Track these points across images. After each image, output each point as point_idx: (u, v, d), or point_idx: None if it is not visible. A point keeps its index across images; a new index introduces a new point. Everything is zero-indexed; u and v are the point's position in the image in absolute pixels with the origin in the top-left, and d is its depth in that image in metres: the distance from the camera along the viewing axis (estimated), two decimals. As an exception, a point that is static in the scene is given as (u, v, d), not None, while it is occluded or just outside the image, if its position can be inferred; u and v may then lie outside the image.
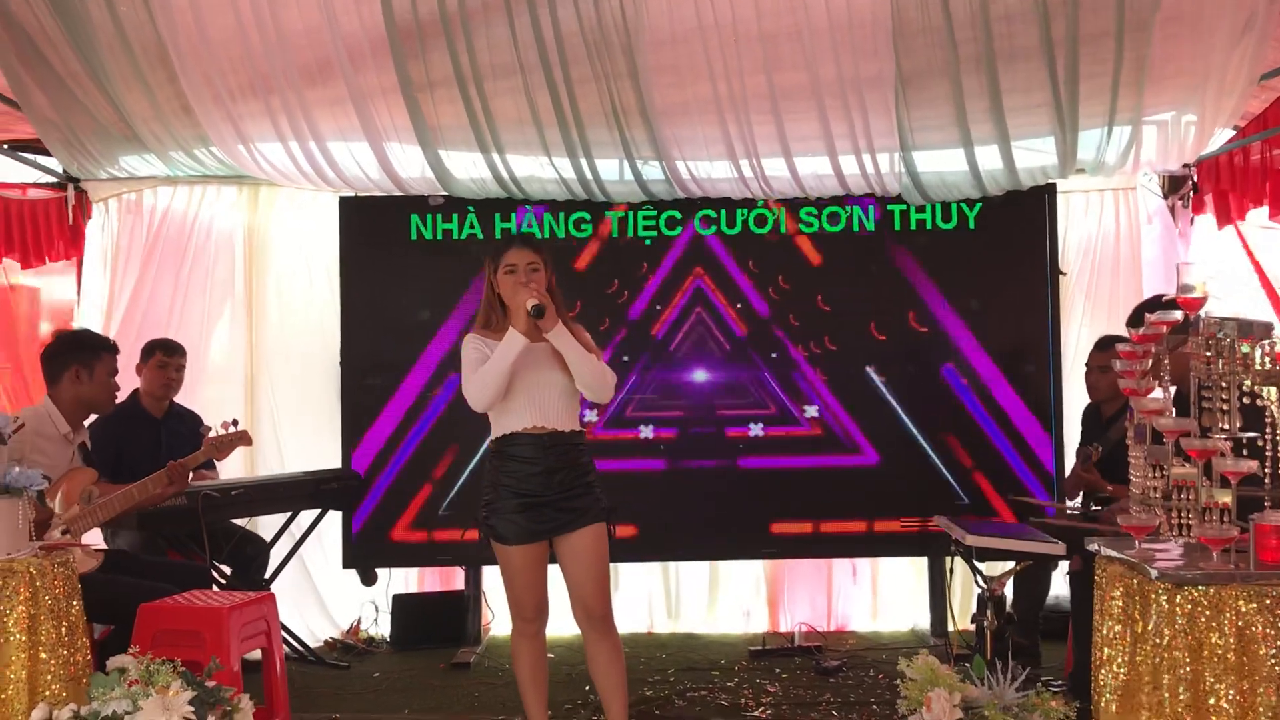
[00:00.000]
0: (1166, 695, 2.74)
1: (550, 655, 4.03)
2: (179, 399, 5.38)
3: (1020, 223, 5.69)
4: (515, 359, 3.57)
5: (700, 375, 5.76)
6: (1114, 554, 3.08)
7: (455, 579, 6.02)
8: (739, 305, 5.75)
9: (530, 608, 3.75)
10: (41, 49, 4.92)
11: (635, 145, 5.28)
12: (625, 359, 5.72)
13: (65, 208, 5.69)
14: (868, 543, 5.74)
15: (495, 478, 3.70)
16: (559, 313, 3.67)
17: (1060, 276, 5.76)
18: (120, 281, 5.91)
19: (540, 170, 5.49)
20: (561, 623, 4.07)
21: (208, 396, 5.79)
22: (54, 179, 5.76)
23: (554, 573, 3.77)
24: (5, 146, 5.62)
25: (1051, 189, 5.64)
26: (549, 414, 3.67)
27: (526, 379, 3.65)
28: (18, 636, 3.12)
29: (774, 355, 5.73)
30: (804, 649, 5.55)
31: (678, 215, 5.76)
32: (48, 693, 3.17)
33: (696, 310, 5.76)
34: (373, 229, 5.77)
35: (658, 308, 5.76)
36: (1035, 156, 5.45)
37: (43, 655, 3.19)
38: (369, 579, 5.80)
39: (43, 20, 4.78)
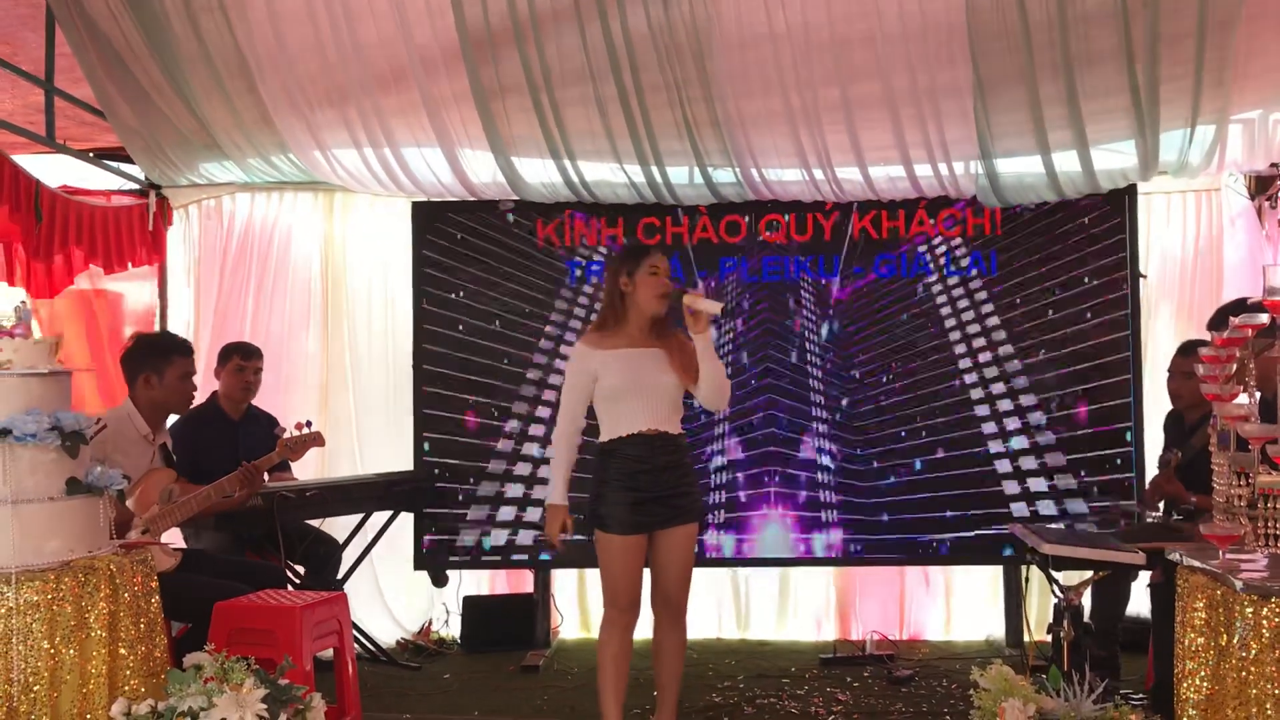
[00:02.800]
0: (1254, 711, 2.65)
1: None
2: (257, 401, 5.47)
3: (1100, 225, 5.57)
4: (639, 364, 3.82)
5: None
6: (1196, 564, 2.99)
7: (525, 582, 6.05)
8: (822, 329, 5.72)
9: (625, 595, 3.87)
10: (126, 62, 5.06)
11: (707, 154, 5.28)
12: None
13: (147, 214, 5.82)
14: (942, 551, 5.65)
15: (604, 474, 3.87)
16: (669, 320, 3.92)
17: (1141, 280, 5.62)
18: (202, 286, 6.05)
19: (611, 175, 5.52)
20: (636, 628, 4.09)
21: (286, 399, 5.88)
22: (136, 186, 5.90)
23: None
24: (91, 155, 5.78)
25: (1132, 190, 5.52)
26: (659, 417, 3.84)
27: (641, 383, 3.84)
28: (99, 632, 3.19)
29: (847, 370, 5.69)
30: (876, 657, 5.48)
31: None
32: (127, 688, 3.23)
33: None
34: (444, 233, 5.83)
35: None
36: (1115, 158, 5.34)
37: (122, 651, 3.26)
38: (440, 580, 5.85)
39: (128, 34, 4.92)
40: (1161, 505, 4.94)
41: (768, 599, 6.12)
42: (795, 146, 5.19)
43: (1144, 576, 4.69)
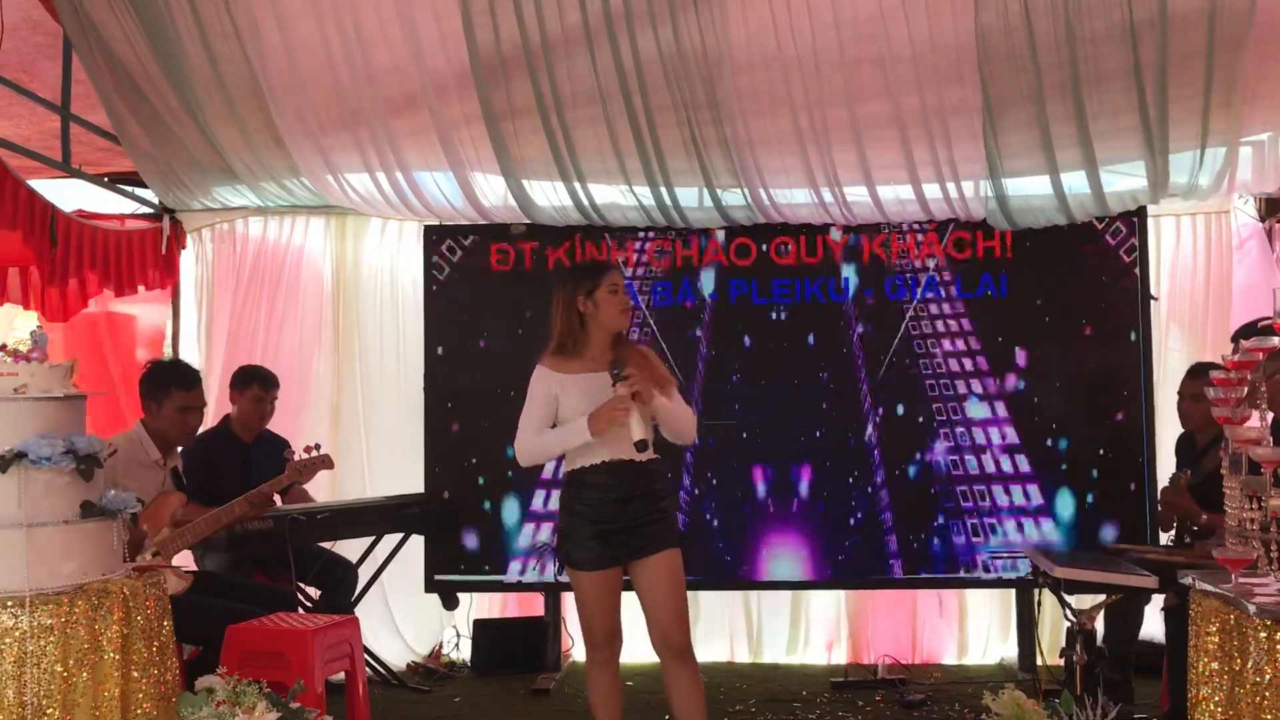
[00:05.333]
0: (1268, 736, 2.64)
1: (628, 683, 4.02)
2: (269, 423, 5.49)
3: (1110, 247, 5.57)
4: (600, 389, 3.64)
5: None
6: (1209, 588, 2.98)
7: (535, 605, 6.04)
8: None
9: (600, 634, 3.75)
10: (141, 86, 5.10)
11: (715, 174, 5.29)
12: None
13: (160, 238, 5.86)
14: (953, 575, 5.63)
15: (570, 505, 3.75)
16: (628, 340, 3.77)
17: (1152, 302, 5.61)
18: (214, 309, 6.08)
19: (621, 198, 5.54)
20: (640, 650, 4.07)
21: (297, 420, 5.90)
22: (150, 210, 5.94)
23: (630, 601, 3.79)
24: (106, 179, 5.82)
25: (1142, 213, 5.52)
26: (624, 448, 3.66)
27: None
28: (112, 655, 3.18)
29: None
30: (887, 681, 5.46)
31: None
32: (139, 710, 3.23)
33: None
34: (456, 257, 5.85)
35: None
36: (1125, 180, 5.35)
37: (135, 674, 3.25)
38: (451, 603, 5.85)
39: (143, 60, 4.97)
40: (1174, 527, 4.92)
41: (779, 622, 6.09)
42: (804, 166, 5.20)
43: (1157, 600, 4.67)
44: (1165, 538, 5.10)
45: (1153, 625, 5.16)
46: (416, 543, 5.77)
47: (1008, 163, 5.17)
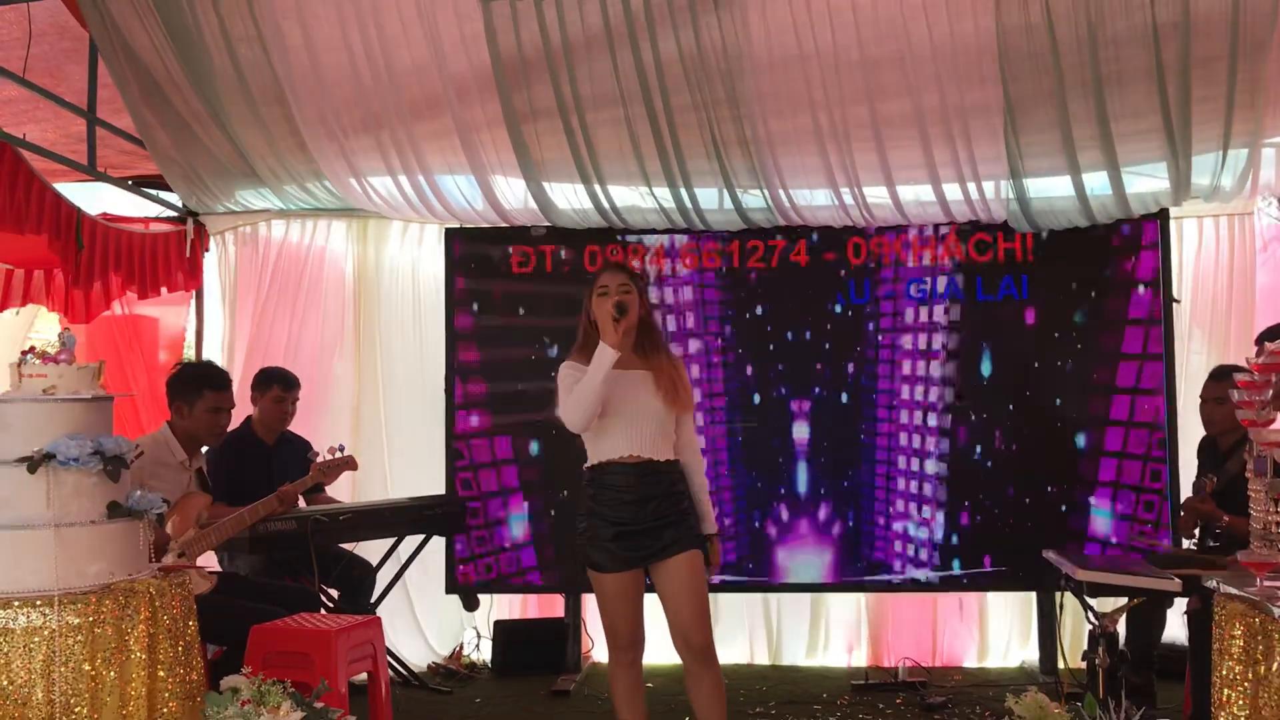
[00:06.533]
0: (1292, 740, 2.63)
1: (649, 685, 4.02)
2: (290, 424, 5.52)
3: (1132, 250, 5.55)
4: (609, 379, 3.61)
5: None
6: (1234, 591, 2.97)
7: (556, 606, 6.05)
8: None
9: (624, 636, 3.75)
10: (165, 91, 5.15)
11: (735, 175, 5.29)
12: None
13: (184, 241, 5.90)
14: (974, 577, 5.62)
15: (590, 506, 3.75)
16: (657, 340, 3.77)
17: (1175, 304, 5.58)
18: (237, 310, 6.12)
19: (641, 200, 5.55)
20: (662, 651, 4.07)
21: (318, 421, 5.93)
22: (175, 213, 5.99)
23: (652, 603, 3.79)
24: (130, 183, 5.87)
25: (1164, 214, 5.49)
26: (644, 443, 3.69)
27: (624, 406, 3.70)
28: (138, 654, 3.21)
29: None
30: (908, 684, 5.45)
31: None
32: (165, 710, 3.26)
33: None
34: (477, 259, 5.88)
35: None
36: (1147, 182, 5.32)
37: (161, 673, 3.28)
38: (471, 604, 5.87)
39: (168, 65, 5.01)
40: (1197, 532, 4.90)
41: (799, 624, 6.09)
42: (824, 165, 5.19)
43: (1180, 603, 4.65)
44: (1188, 544, 5.08)
45: (1175, 628, 5.14)
46: (438, 543, 5.79)
47: (1029, 163, 5.16)
